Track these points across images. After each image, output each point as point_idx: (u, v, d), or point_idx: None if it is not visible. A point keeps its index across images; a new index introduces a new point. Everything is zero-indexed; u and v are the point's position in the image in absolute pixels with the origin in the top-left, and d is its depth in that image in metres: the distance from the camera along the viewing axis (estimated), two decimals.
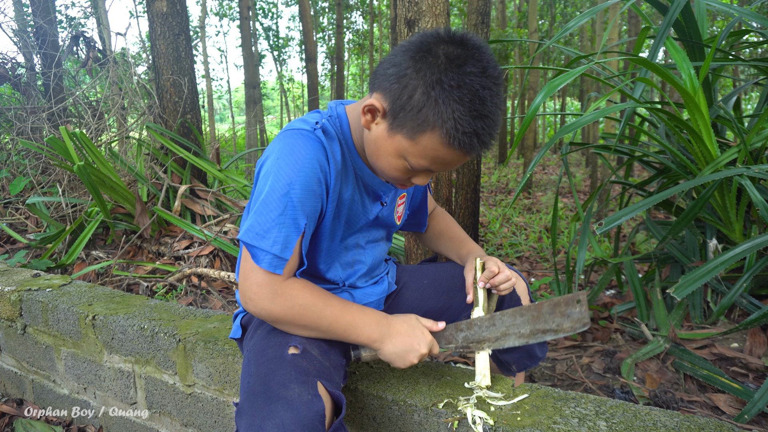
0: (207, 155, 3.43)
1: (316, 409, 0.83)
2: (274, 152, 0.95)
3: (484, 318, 1.04)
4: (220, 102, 23.97)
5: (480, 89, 0.84)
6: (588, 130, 8.11)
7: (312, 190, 0.94)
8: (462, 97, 0.83)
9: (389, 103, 0.89)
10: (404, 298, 1.26)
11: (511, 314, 1.02)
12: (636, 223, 3.19)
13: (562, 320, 0.99)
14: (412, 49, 0.87)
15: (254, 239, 0.93)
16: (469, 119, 0.84)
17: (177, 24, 3.20)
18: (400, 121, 0.88)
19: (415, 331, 1.00)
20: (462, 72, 0.83)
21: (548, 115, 15.94)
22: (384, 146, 0.93)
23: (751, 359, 1.55)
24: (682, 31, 1.78)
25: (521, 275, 1.23)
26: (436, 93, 0.83)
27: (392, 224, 1.18)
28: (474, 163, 2.72)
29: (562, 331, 1.00)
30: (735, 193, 1.73)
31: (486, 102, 0.84)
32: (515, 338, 1.03)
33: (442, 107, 0.84)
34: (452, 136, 0.85)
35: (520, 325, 1.02)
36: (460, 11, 11.41)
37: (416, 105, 0.85)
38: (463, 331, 1.05)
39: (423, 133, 0.87)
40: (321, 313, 0.96)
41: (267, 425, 0.79)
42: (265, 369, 0.91)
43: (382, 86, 0.90)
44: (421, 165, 0.92)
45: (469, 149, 0.87)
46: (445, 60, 0.84)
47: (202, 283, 2.47)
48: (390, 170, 0.96)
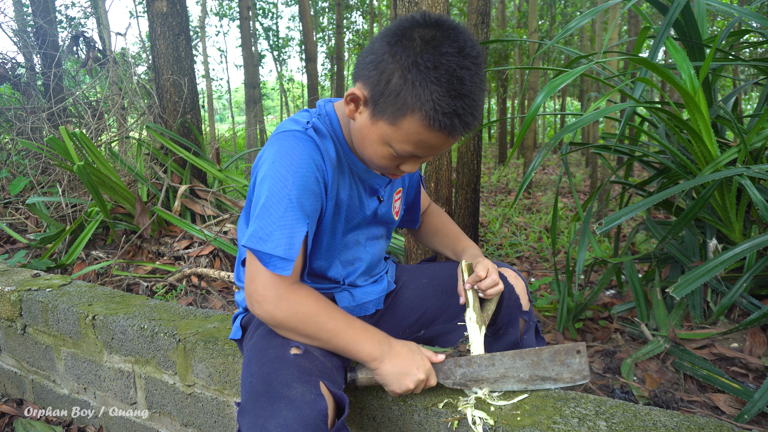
0: (207, 155, 3.43)
1: (318, 408, 0.83)
2: (270, 156, 0.95)
3: (483, 357, 1.03)
4: (220, 102, 23.98)
5: (457, 69, 0.83)
6: (588, 130, 8.11)
7: (311, 190, 0.94)
8: (439, 78, 0.83)
9: (369, 90, 0.89)
10: (403, 297, 1.26)
11: (511, 356, 1.01)
12: (636, 223, 3.19)
13: (562, 369, 0.99)
14: (388, 35, 0.88)
15: (258, 243, 0.93)
16: (448, 99, 0.83)
17: (177, 24, 3.20)
18: (381, 107, 0.88)
19: (414, 356, 0.98)
20: (438, 53, 0.83)
21: (548, 115, 15.96)
22: (368, 134, 0.93)
23: (751, 359, 1.55)
24: (682, 31, 1.78)
25: (520, 274, 1.22)
26: (412, 75, 0.83)
27: (391, 220, 1.18)
28: (474, 163, 2.72)
29: (561, 380, 0.99)
30: (735, 193, 1.73)
31: (465, 81, 0.84)
32: (514, 382, 1.02)
33: (420, 89, 0.83)
34: (432, 118, 0.84)
35: (520, 369, 1.01)
36: (460, 11, 11.41)
37: (394, 89, 0.85)
38: (462, 367, 1.03)
39: (403, 117, 0.86)
40: (324, 324, 0.95)
41: (270, 425, 0.79)
42: (267, 369, 0.91)
43: (362, 75, 0.90)
44: (405, 150, 0.91)
45: (451, 130, 0.86)
46: (420, 42, 0.84)
47: (202, 283, 2.47)
48: (377, 158, 0.96)
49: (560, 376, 0.98)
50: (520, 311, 1.18)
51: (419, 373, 0.97)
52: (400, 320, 1.24)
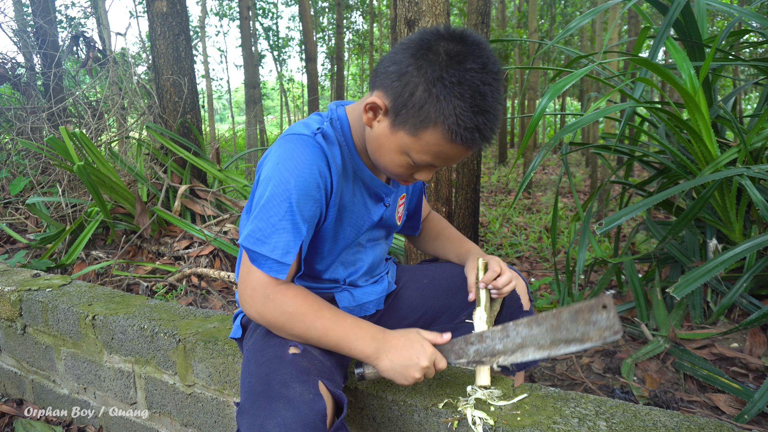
0: (207, 155, 3.43)
1: (317, 408, 0.83)
2: (275, 157, 0.95)
3: (495, 330, 0.97)
4: (220, 102, 23.97)
5: (480, 85, 0.84)
6: (588, 130, 8.11)
7: (311, 196, 0.94)
8: (463, 93, 0.84)
9: (391, 100, 0.89)
10: (404, 297, 1.26)
11: (526, 324, 0.95)
12: (636, 223, 3.19)
13: (588, 328, 0.90)
14: (412, 46, 0.88)
15: (255, 244, 0.93)
16: (471, 115, 0.85)
17: (177, 24, 3.20)
18: (403, 118, 0.89)
19: (413, 344, 0.95)
20: (462, 68, 0.84)
21: (548, 116, 15.95)
22: (386, 143, 0.94)
23: (751, 359, 1.55)
24: (682, 31, 1.78)
25: (520, 274, 1.23)
26: (437, 90, 0.84)
27: (393, 225, 1.19)
28: (474, 163, 2.72)
29: (589, 340, 0.90)
30: (735, 193, 1.73)
31: (486, 97, 0.85)
32: (534, 350, 0.94)
33: (444, 104, 0.84)
34: (454, 132, 0.86)
35: (538, 336, 0.93)
36: (460, 11, 11.40)
37: (418, 102, 0.86)
38: (473, 344, 0.98)
39: (425, 129, 0.87)
40: (311, 323, 0.95)
41: (269, 424, 0.79)
42: (266, 368, 0.91)
43: (383, 84, 0.91)
44: (423, 160, 0.93)
45: (471, 144, 0.88)
46: (445, 57, 0.85)
47: (202, 283, 2.47)
48: (393, 167, 0.96)
49: (587, 336, 0.90)
50: (521, 311, 1.19)
51: (421, 361, 0.94)
52: (401, 320, 1.25)
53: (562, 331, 0.92)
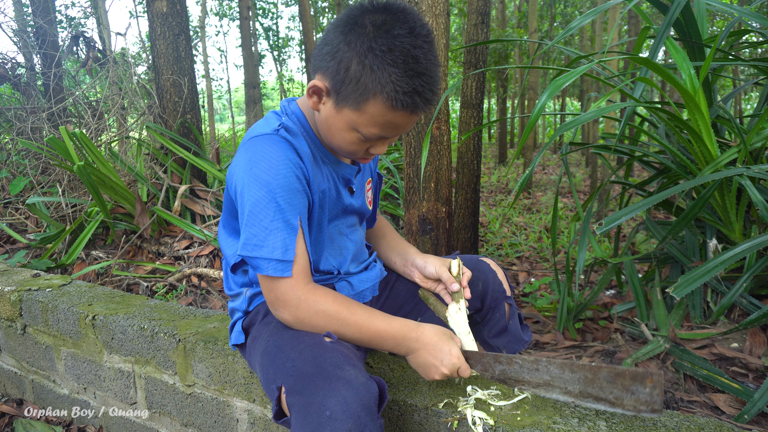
0: (207, 155, 3.43)
1: (372, 390, 0.85)
2: (245, 162, 0.97)
3: (527, 359, 0.98)
4: (220, 102, 23.96)
5: (411, 49, 0.86)
6: (588, 130, 8.11)
7: (295, 188, 0.96)
8: (395, 60, 0.86)
9: (330, 80, 0.92)
10: (398, 288, 1.30)
11: (559, 366, 0.94)
12: (636, 223, 3.19)
13: (623, 395, 0.87)
14: (340, 24, 0.91)
15: (253, 250, 0.95)
16: (407, 79, 0.86)
17: (177, 24, 3.20)
18: (344, 95, 0.91)
19: (442, 348, 0.97)
20: (390, 36, 0.86)
21: (548, 115, 15.95)
22: (335, 123, 0.96)
23: (751, 359, 1.55)
24: (682, 30, 1.78)
25: (498, 264, 1.28)
26: (369, 61, 0.86)
27: (365, 209, 1.22)
28: (474, 163, 2.72)
29: (621, 406, 0.87)
30: (735, 193, 1.73)
31: (420, 60, 0.87)
32: (560, 393, 0.94)
33: (379, 73, 0.86)
34: (393, 99, 0.88)
35: (568, 382, 0.92)
36: (460, 11, 11.39)
37: (354, 76, 0.88)
38: (501, 364, 0.99)
39: (366, 101, 0.89)
40: (345, 320, 0.97)
41: (329, 402, 0.80)
42: (309, 353, 0.92)
43: (320, 66, 0.93)
44: (372, 133, 0.95)
45: (413, 107, 0.90)
46: (372, 28, 0.87)
47: (202, 283, 2.47)
48: (346, 145, 0.98)
49: (620, 401, 0.87)
50: (504, 296, 1.24)
51: (443, 368, 0.97)
52: (398, 309, 1.28)
53: (595, 388, 0.90)
